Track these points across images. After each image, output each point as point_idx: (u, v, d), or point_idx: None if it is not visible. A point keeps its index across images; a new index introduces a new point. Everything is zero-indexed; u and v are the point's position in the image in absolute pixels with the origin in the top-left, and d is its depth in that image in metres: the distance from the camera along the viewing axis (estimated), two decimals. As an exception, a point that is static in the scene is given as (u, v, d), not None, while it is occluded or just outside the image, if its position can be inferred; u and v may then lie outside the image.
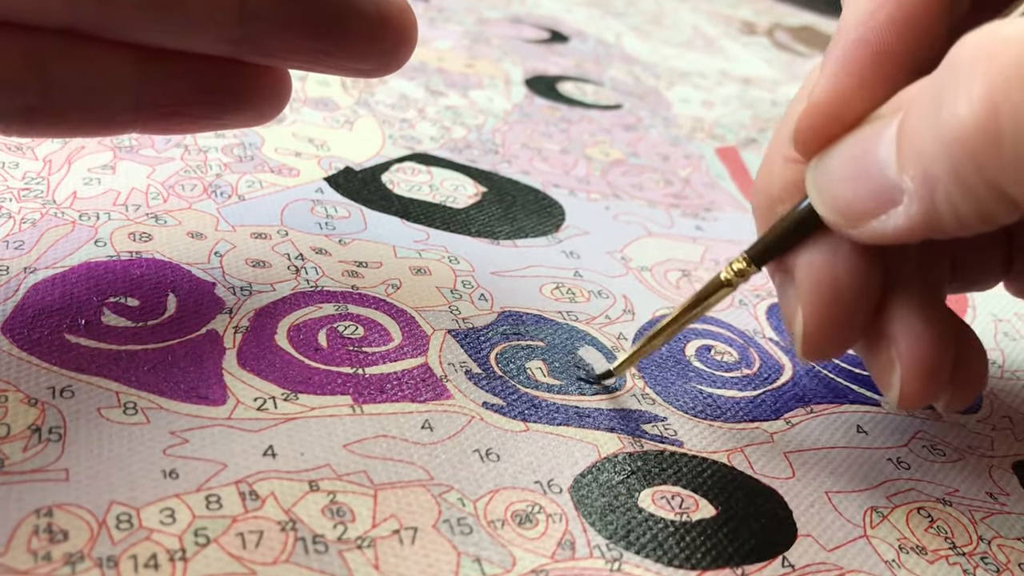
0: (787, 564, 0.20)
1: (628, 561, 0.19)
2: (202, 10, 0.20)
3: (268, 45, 0.21)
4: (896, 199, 0.17)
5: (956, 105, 0.16)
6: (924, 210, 0.17)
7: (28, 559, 0.16)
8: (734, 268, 0.21)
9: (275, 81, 0.23)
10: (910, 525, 0.22)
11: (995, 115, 0.15)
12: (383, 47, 0.22)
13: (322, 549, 0.17)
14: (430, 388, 0.22)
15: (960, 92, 0.16)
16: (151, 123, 0.22)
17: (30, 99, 0.20)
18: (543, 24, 0.55)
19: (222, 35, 0.21)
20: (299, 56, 0.22)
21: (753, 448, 0.23)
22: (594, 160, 0.38)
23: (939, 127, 0.16)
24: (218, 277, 0.24)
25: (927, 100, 0.17)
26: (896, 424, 0.25)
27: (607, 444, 0.22)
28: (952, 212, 0.17)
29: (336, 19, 0.21)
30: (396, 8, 0.21)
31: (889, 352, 0.21)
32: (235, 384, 0.21)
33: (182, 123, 0.23)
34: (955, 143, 0.16)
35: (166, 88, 0.22)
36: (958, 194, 0.16)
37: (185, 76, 0.22)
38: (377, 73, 0.23)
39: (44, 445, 0.18)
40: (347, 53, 0.22)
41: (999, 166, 0.15)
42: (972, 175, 0.16)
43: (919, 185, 0.17)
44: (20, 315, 0.22)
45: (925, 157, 0.16)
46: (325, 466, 0.19)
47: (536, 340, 0.25)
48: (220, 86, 0.22)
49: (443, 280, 0.27)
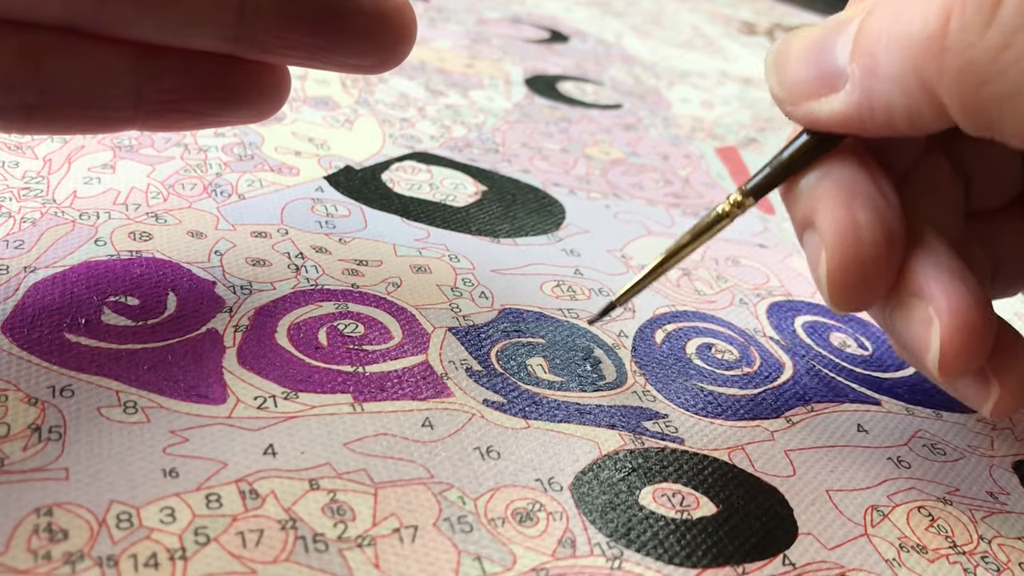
0: (788, 562, 0.20)
1: (629, 559, 0.19)
2: (201, 7, 0.20)
3: (267, 41, 0.21)
4: (838, 85, 0.19)
5: (913, 13, 0.17)
6: (859, 100, 0.19)
7: (28, 558, 0.16)
8: (731, 200, 0.22)
9: (274, 78, 0.23)
10: (911, 524, 0.21)
11: (945, 25, 0.17)
12: (382, 43, 0.22)
13: (322, 548, 0.17)
14: (430, 386, 0.22)
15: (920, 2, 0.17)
16: (151, 120, 0.22)
17: (28, 96, 0.20)
18: (543, 24, 0.55)
19: (221, 32, 0.21)
20: (298, 52, 0.22)
21: (754, 446, 0.23)
22: (594, 159, 0.38)
23: (894, 29, 0.18)
24: (218, 276, 0.24)
25: (893, 4, 0.18)
26: (896, 423, 0.25)
27: (608, 441, 0.22)
28: (885, 106, 0.18)
29: (335, 15, 0.21)
30: (395, 4, 0.21)
31: (927, 311, 0.20)
32: (235, 383, 0.21)
33: (182, 120, 0.23)
34: (905, 44, 0.17)
35: (165, 85, 0.22)
36: (896, 91, 0.18)
37: (184, 73, 0.22)
38: (377, 69, 0.23)
39: (44, 444, 0.18)
40: (346, 49, 0.22)
41: (938, 74, 0.17)
42: (913, 78, 0.18)
43: (863, 76, 0.18)
44: (20, 314, 0.22)
45: (876, 53, 0.18)
46: (325, 464, 0.19)
47: (537, 337, 0.25)
48: (219, 83, 0.22)
49: (443, 278, 0.27)
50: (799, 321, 0.29)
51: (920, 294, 0.20)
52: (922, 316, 0.20)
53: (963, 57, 0.17)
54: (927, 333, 0.20)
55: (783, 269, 0.32)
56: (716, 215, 0.22)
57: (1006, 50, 0.16)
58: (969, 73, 0.17)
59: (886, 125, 0.19)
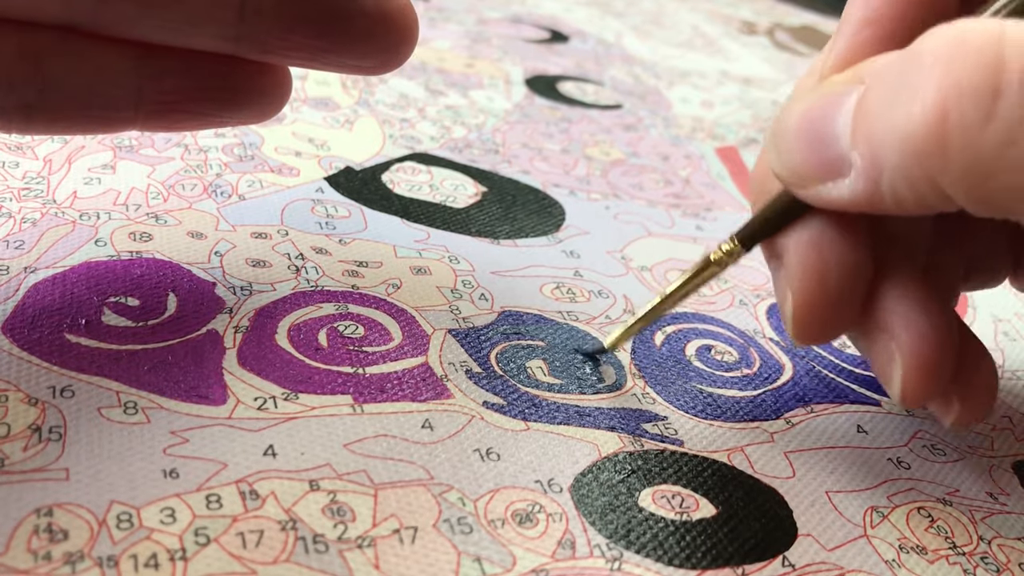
0: (787, 564, 0.20)
1: (628, 560, 0.19)
2: (202, 6, 0.20)
3: (269, 42, 0.21)
4: (844, 171, 0.18)
5: (911, 103, 0.16)
6: (868, 189, 0.18)
7: (28, 558, 0.16)
8: (723, 249, 0.22)
9: (276, 78, 0.23)
10: (910, 525, 0.22)
11: (944, 122, 0.16)
12: (384, 44, 0.22)
13: (322, 549, 0.17)
14: (430, 387, 0.22)
15: (916, 91, 0.16)
16: (151, 120, 0.22)
17: (28, 96, 0.20)
18: (543, 24, 0.55)
19: (223, 32, 0.21)
20: (300, 53, 0.22)
21: (753, 448, 0.23)
22: (594, 160, 0.38)
23: (892, 120, 0.17)
24: (218, 277, 0.24)
25: (887, 85, 0.17)
26: (896, 424, 0.25)
27: (607, 443, 0.22)
28: (893, 197, 0.17)
29: (337, 16, 0.21)
30: (397, 6, 0.21)
31: (889, 346, 0.21)
32: (235, 384, 0.21)
33: (182, 120, 0.23)
34: (905, 139, 0.16)
35: (166, 85, 0.22)
36: (901, 183, 0.17)
37: (185, 73, 0.22)
38: (378, 70, 0.22)
39: (44, 444, 0.18)
40: (348, 51, 0.22)
41: (942, 169, 0.16)
42: (916, 171, 0.17)
43: (867, 166, 0.18)
44: (20, 315, 0.22)
45: (875, 142, 0.17)
46: (325, 465, 0.19)
47: (536, 340, 0.25)
48: (220, 83, 0.22)
49: (443, 280, 0.27)
50: (799, 322, 0.29)
51: (884, 328, 0.21)
52: (885, 350, 0.21)
53: (965, 154, 0.16)
54: (890, 368, 0.21)
55: (783, 270, 0.32)
56: (706, 262, 0.22)
57: (1010, 147, 0.15)
58: (973, 169, 0.16)
59: (898, 210, 0.18)
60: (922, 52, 0.16)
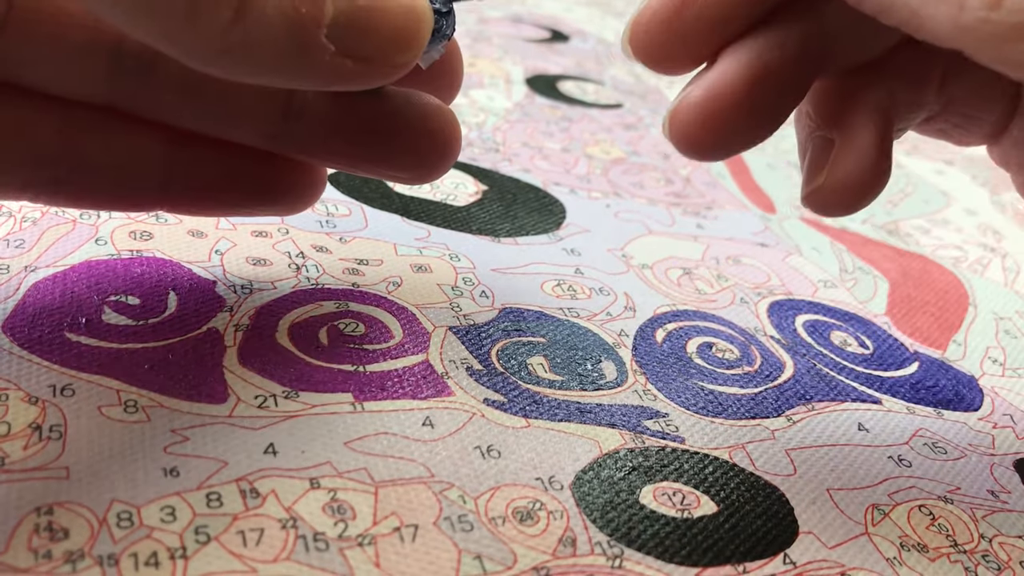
0: (788, 561, 0.20)
1: (629, 558, 0.19)
2: (248, 103, 0.20)
3: (309, 145, 0.21)
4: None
5: None
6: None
7: (29, 557, 0.16)
8: None
9: (309, 177, 0.22)
10: (911, 523, 0.21)
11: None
12: (426, 161, 0.21)
13: (323, 547, 0.17)
14: (431, 385, 0.22)
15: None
16: (178, 204, 0.22)
17: (60, 172, 0.20)
18: (544, 23, 0.55)
19: (264, 130, 0.20)
20: (338, 159, 0.21)
21: (755, 445, 0.23)
22: (595, 158, 0.38)
23: None
24: (219, 275, 0.24)
25: None
26: (897, 422, 0.25)
27: (608, 440, 0.22)
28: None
29: (381, 128, 0.20)
30: (443, 121, 0.21)
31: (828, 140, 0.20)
32: (236, 382, 0.21)
33: (208, 207, 0.22)
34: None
35: (196, 172, 0.21)
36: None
37: (217, 162, 0.21)
38: (415, 181, 0.22)
39: (45, 443, 0.18)
40: (389, 163, 0.21)
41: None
42: None
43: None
44: (21, 313, 0.22)
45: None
46: (326, 463, 0.19)
47: (537, 336, 0.25)
48: (252, 176, 0.22)
49: (444, 277, 0.27)
50: (800, 320, 0.29)
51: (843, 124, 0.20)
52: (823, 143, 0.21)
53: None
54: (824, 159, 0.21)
55: (784, 268, 0.32)
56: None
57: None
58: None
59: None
60: None
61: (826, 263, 0.33)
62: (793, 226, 0.36)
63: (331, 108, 0.20)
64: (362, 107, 0.20)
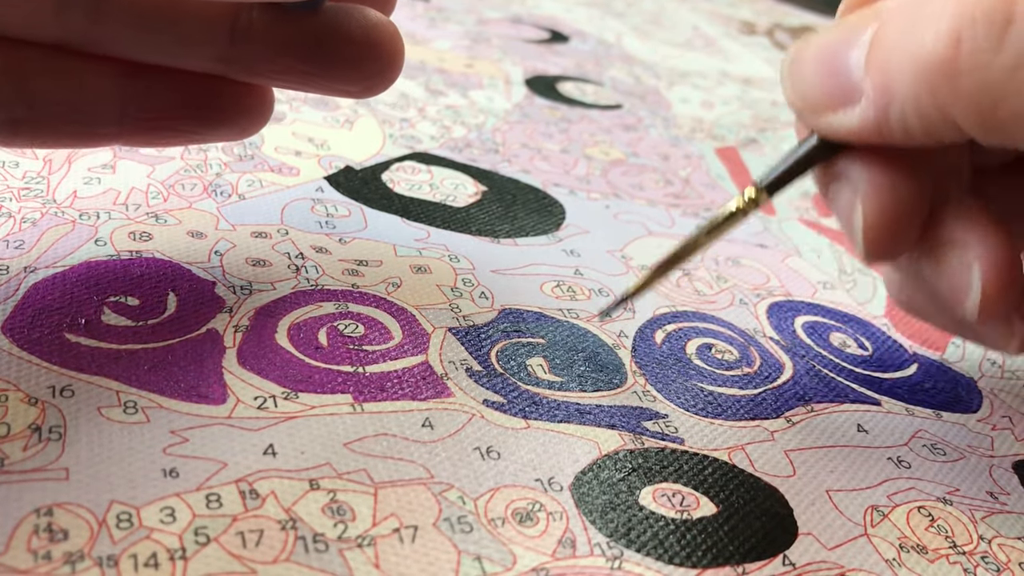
0: (788, 562, 0.20)
1: (629, 559, 0.19)
2: (194, 29, 0.20)
3: (257, 65, 0.21)
4: (854, 98, 0.19)
5: (925, 34, 0.17)
6: (877, 117, 0.19)
7: (28, 558, 0.16)
8: (746, 197, 0.22)
9: (259, 98, 0.23)
10: (911, 524, 0.21)
11: (956, 48, 0.17)
12: (370, 70, 0.22)
13: (322, 548, 0.17)
14: (431, 386, 0.22)
15: (931, 21, 0.17)
16: (134, 136, 0.22)
17: (16, 112, 0.20)
18: (543, 24, 0.55)
19: (212, 54, 0.21)
20: (287, 77, 0.22)
21: (754, 446, 0.23)
22: (594, 160, 0.38)
23: (906, 48, 0.18)
24: (218, 276, 0.24)
25: (903, 19, 0.18)
26: (896, 423, 0.25)
27: (608, 441, 0.22)
28: (901, 124, 0.18)
29: (325, 42, 0.21)
30: (385, 33, 0.22)
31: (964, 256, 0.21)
32: (235, 383, 0.21)
33: (165, 137, 0.23)
34: (917, 66, 0.17)
35: (150, 102, 0.22)
36: (911, 111, 0.18)
37: (169, 91, 0.22)
38: (363, 94, 0.23)
39: (44, 444, 0.18)
40: (335, 76, 0.22)
41: (952, 94, 0.17)
42: (927, 98, 0.17)
43: (878, 94, 0.18)
44: (20, 314, 0.22)
45: (888, 70, 0.18)
46: (325, 464, 0.19)
47: (537, 337, 0.25)
48: (204, 102, 0.22)
49: (444, 278, 0.27)
50: (799, 321, 0.29)
51: (955, 242, 0.21)
52: (960, 263, 0.21)
53: (976, 79, 0.17)
54: (966, 278, 0.21)
55: (783, 269, 0.32)
56: (731, 212, 0.22)
57: (1019, 70, 0.16)
58: (983, 95, 0.17)
59: (904, 139, 0.18)
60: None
61: (825, 265, 0.33)
62: (792, 228, 0.36)
63: (275, 28, 0.21)
64: (305, 24, 0.21)
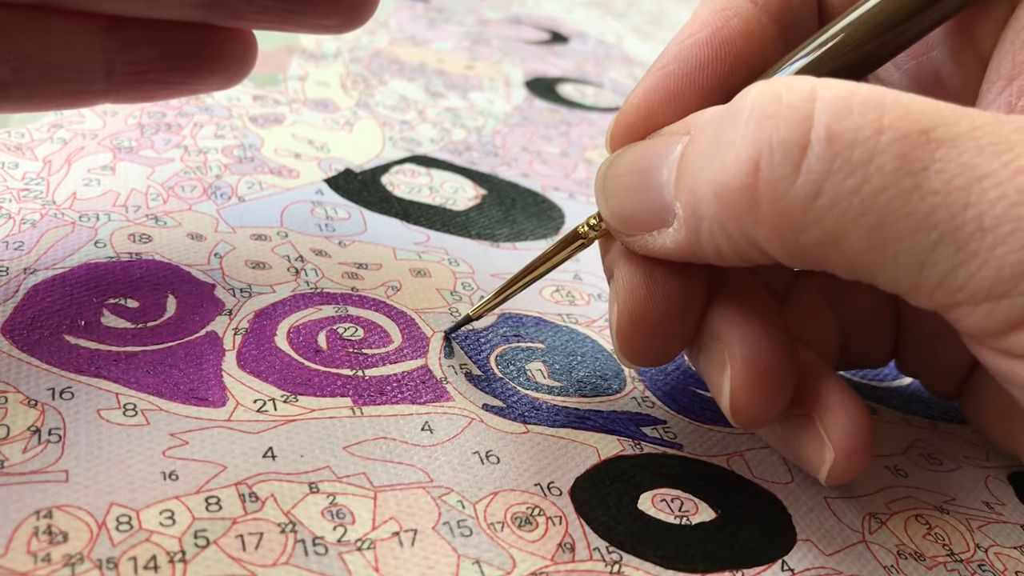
0: (786, 568, 0.20)
1: (628, 564, 0.19)
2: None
3: (237, 7, 0.22)
4: (668, 220, 0.18)
5: (726, 157, 0.16)
6: (689, 239, 0.18)
7: (28, 560, 0.16)
8: (590, 223, 0.21)
9: (242, 44, 0.24)
10: (908, 531, 0.22)
11: (754, 175, 0.16)
12: (347, 3, 0.22)
13: (322, 551, 0.17)
14: (430, 390, 0.22)
15: (732, 145, 0.16)
16: (123, 92, 0.23)
17: (3, 75, 0.20)
18: (543, 25, 0.55)
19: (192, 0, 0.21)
20: (267, 16, 0.22)
21: (752, 452, 0.23)
22: (594, 163, 0.38)
23: (709, 171, 0.17)
24: (218, 279, 0.24)
25: (708, 138, 0.17)
26: (894, 432, 0.25)
27: (607, 447, 0.22)
28: (713, 247, 0.17)
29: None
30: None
31: (721, 353, 0.20)
32: (235, 386, 0.21)
33: (153, 90, 0.23)
34: (719, 191, 0.17)
35: (136, 56, 0.22)
36: (719, 235, 0.17)
37: (154, 43, 0.22)
38: (342, 28, 0.23)
39: (44, 446, 0.18)
40: (312, 10, 0.22)
41: (754, 221, 0.16)
42: (731, 225, 0.17)
43: (688, 216, 0.18)
44: (20, 316, 0.22)
45: (696, 195, 0.17)
46: (325, 468, 0.19)
47: (536, 342, 0.25)
48: (189, 51, 0.23)
49: (443, 282, 0.27)
50: (797, 327, 0.29)
51: (718, 337, 0.20)
52: (718, 359, 0.20)
53: (776, 209, 0.16)
54: (720, 376, 0.20)
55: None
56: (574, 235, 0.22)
57: (816, 199, 0.15)
58: (783, 223, 0.16)
59: (718, 260, 0.18)
60: (741, 108, 0.17)
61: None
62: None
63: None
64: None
